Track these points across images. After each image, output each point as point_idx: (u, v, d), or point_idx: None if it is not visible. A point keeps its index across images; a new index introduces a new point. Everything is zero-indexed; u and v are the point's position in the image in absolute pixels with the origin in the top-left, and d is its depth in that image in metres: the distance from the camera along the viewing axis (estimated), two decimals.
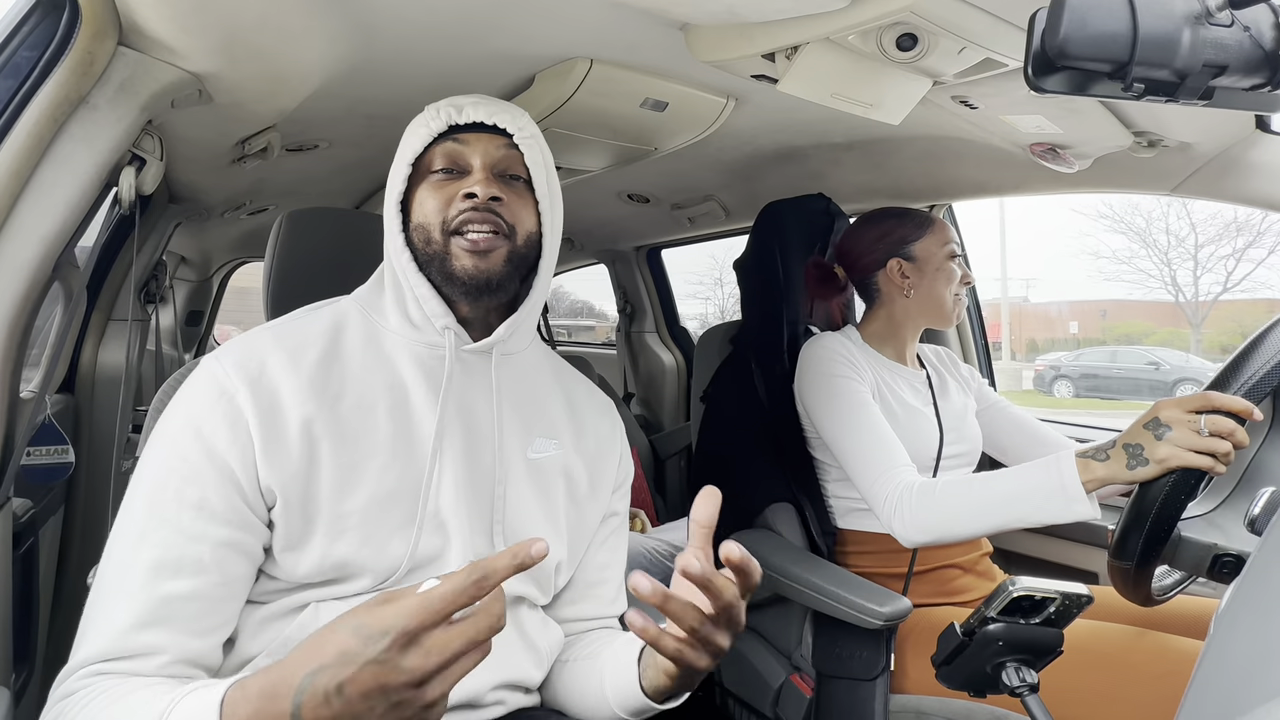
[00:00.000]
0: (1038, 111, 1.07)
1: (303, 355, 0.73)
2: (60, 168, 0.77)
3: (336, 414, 0.71)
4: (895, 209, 1.33)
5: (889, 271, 1.29)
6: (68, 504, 1.48)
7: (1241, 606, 0.49)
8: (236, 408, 0.68)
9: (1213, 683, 0.46)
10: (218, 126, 1.14)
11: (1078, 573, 1.49)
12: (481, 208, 0.75)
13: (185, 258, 2.71)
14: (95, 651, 0.61)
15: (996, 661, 0.73)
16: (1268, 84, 0.58)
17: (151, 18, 0.76)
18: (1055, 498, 0.93)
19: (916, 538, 1.06)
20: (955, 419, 1.29)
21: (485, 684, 0.74)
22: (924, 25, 0.82)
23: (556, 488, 0.82)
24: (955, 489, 1.03)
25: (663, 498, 2.53)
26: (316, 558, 0.68)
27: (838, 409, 1.19)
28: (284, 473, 0.68)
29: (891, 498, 1.08)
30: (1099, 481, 0.91)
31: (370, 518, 0.70)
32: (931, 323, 1.30)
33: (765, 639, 1.30)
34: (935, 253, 1.27)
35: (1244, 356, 0.86)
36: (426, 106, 0.80)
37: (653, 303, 2.80)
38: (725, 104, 1.23)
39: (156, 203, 1.55)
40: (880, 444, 1.14)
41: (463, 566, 0.70)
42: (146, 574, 0.63)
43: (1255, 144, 1.10)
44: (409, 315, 0.78)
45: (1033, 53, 0.56)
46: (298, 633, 0.68)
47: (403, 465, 0.73)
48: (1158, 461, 0.85)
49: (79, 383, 1.56)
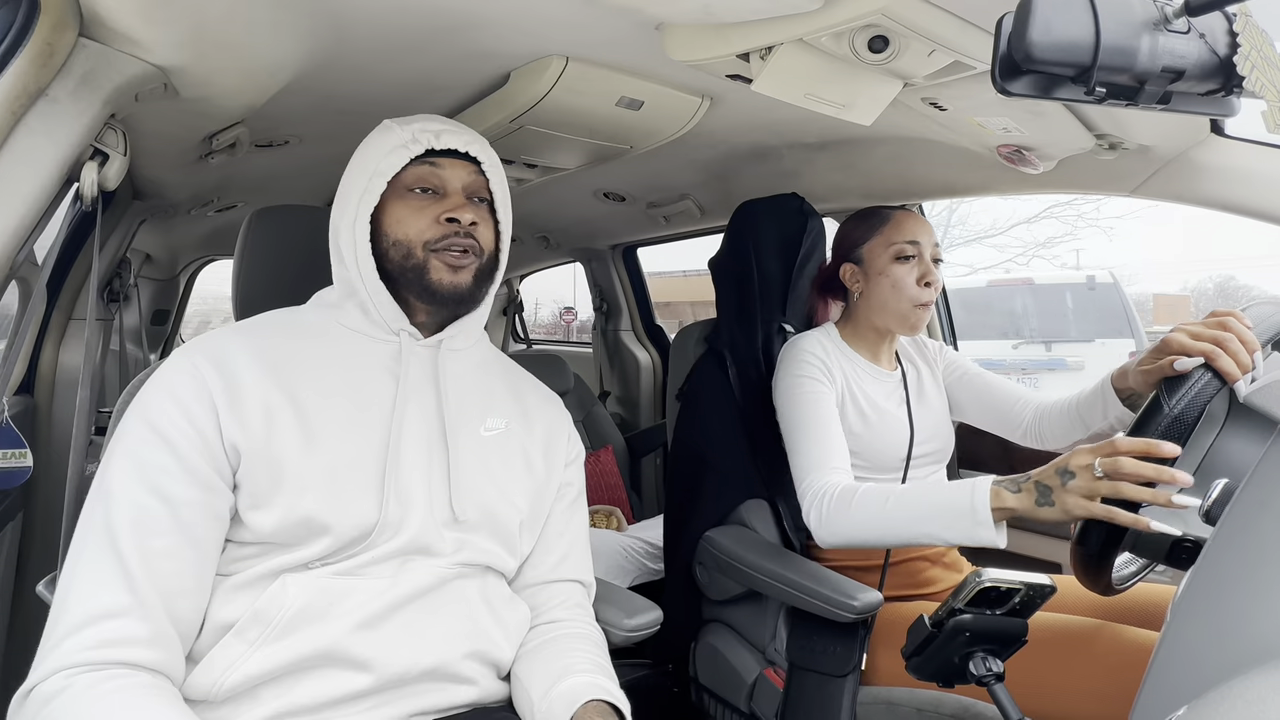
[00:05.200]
0: (1004, 114, 1.10)
1: (265, 346, 0.80)
2: (19, 162, 0.75)
3: (295, 394, 0.78)
4: (867, 210, 1.31)
5: (843, 275, 1.30)
6: (26, 509, 1.43)
7: (1196, 593, 0.51)
8: (201, 379, 0.75)
9: (1170, 667, 0.48)
10: (184, 121, 1.12)
11: (1041, 563, 1.53)
12: (461, 232, 0.84)
13: (150, 255, 2.64)
14: (89, 612, 0.65)
15: (964, 652, 0.74)
16: (1222, 89, 0.60)
17: (114, 8, 0.74)
18: (963, 519, 0.94)
19: (828, 540, 1.08)
20: (928, 419, 1.30)
21: (457, 652, 0.78)
22: (895, 28, 0.84)
23: (513, 458, 0.89)
24: (871, 500, 1.04)
25: (638, 495, 2.54)
26: (281, 512, 0.73)
27: (794, 406, 1.21)
28: (246, 432, 0.74)
29: (813, 497, 1.10)
30: (1008, 512, 0.92)
31: (333, 478, 0.76)
32: (889, 326, 1.26)
33: (740, 634, 1.32)
34: (880, 255, 1.24)
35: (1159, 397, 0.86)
36: (391, 123, 0.87)
37: (628, 301, 2.80)
38: (700, 103, 1.24)
39: (120, 199, 1.51)
40: (819, 444, 1.15)
41: (423, 528, 0.78)
42: (128, 533, 0.67)
43: (1210, 147, 1.13)
44: (368, 315, 0.85)
45: (1000, 56, 0.57)
46: (268, 604, 0.71)
47: (361, 437, 0.79)
48: (1063, 509, 0.86)
49: (38, 384, 1.51)
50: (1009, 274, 9.68)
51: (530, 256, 2.92)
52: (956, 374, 1.39)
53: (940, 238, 1.46)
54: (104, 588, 0.66)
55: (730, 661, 1.29)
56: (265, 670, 0.69)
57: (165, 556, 0.68)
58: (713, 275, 1.54)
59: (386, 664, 0.73)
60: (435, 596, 0.78)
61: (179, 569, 0.69)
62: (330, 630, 0.72)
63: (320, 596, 0.73)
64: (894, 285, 1.22)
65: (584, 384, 2.56)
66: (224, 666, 0.70)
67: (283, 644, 0.70)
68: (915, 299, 1.21)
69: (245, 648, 0.70)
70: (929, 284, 1.21)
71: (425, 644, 0.76)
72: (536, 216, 2.31)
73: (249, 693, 0.70)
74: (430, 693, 0.76)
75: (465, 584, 0.81)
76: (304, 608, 0.72)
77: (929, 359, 1.40)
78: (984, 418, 1.35)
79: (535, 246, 2.68)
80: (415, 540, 0.78)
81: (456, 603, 0.80)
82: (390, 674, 0.73)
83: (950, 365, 1.40)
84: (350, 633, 0.72)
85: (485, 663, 0.81)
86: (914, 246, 1.22)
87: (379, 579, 0.76)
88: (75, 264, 1.52)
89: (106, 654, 0.64)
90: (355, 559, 0.75)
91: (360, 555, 0.76)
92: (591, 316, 2.97)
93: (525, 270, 3.21)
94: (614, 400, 2.87)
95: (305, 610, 0.72)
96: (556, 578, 0.92)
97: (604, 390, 2.91)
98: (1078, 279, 6.74)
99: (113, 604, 0.65)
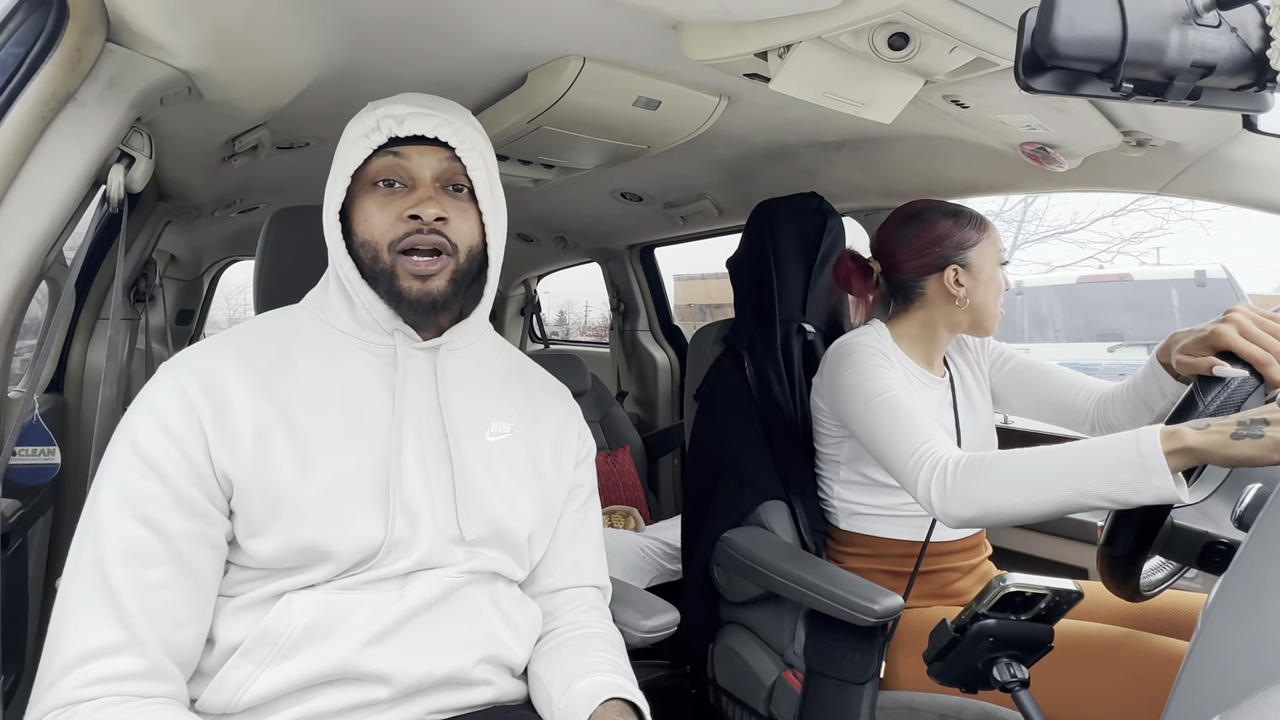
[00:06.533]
0: (1028, 111, 1.08)
1: (254, 358, 0.75)
2: (48, 166, 0.76)
3: (287, 411, 0.73)
4: (945, 206, 1.24)
5: (944, 278, 1.21)
6: (56, 504, 1.46)
7: (1229, 600, 0.50)
8: (189, 402, 0.70)
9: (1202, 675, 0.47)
10: (207, 124, 1.13)
11: (1067, 568, 1.51)
12: (426, 229, 0.76)
13: (175, 256, 2.69)
14: (82, 650, 0.62)
15: (988, 657, 0.73)
16: (1254, 84, 0.58)
17: (140, 14, 0.76)
18: (1129, 468, 0.80)
19: (956, 513, 0.95)
20: (974, 428, 1.27)
21: (470, 659, 0.76)
22: (915, 25, 0.83)
23: (520, 465, 0.84)
24: (1008, 462, 0.93)
25: (656, 496, 2.54)
26: (281, 541, 0.70)
27: (869, 395, 1.12)
28: (238, 459, 0.70)
29: (930, 468, 0.99)
30: (1188, 453, 0.78)
31: (331, 501, 0.72)
32: (973, 331, 1.25)
33: (759, 636, 1.31)
34: (991, 260, 1.21)
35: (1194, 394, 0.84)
36: (370, 106, 0.80)
37: (646, 301, 2.80)
38: (718, 103, 1.24)
39: (146, 201, 1.53)
40: (914, 421, 1.07)
41: (431, 547, 0.74)
42: (120, 566, 0.64)
43: (1242, 143, 1.11)
44: (357, 317, 0.80)
45: (1023, 53, 0.56)
46: (274, 623, 0.69)
47: (359, 453, 0.74)
48: (1274, 443, 0.74)
49: (68, 382, 1.55)
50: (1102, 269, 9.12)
51: (547, 257, 2.93)
52: (1006, 368, 1.32)
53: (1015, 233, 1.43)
54: (97, 625, 0.63)
55: (749, 664, 1.28)
56: (277, 689, 0.68)
57: (160, 588, 0.65)
58: (731, 275, 1.54)
59: (401, 676, 0.72)
60: (444, 607, 0.76)
61: (175, 599, 0.66)
62: (340, 647, 0.70)
63: (327, 613, 0.71)
64: (999, 292, 1.23)
65: (601, 384, 2.56)
66: (235, 687, 0.68)
67: (292, 662, 0.69)
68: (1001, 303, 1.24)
69: (254, 667, 0.69)
70: (1008, 288, 1.25)
71: (438, 655, 0.74)
72: (554, 216, 2.31)
73: (267, 704, 0.69)
74: (447, 696, 0.76)
75: (474, 590, 0.79)
76: (310, 625, 0.70)
77: (970, 361, 1.35)
78: (1042, 410, 1.28)
79: (552, 247, 2.69)
80: (425, 560, 0.75)
81: (466, 611, 0.77)
82: (406, 684, 0.72)
83: (998, 359, 1.34)
84: (361, 649, 0.70)
85: (499, 665, 0.80)
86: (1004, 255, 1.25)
87: (386, 592, 0.73)
88: (102, 265, 1.55)
89: (103, 689, 0.62)
90: (359, 575, 0.73)
91: (367, 573, 0.73)
92: None
93: (543, 270, 3.22)
94: (631, 400, 2.87)
95: (312, 628, 0.70)
96: (570, 584, 0.89)
97: (621, 390, 2.91)
98: (1184, 274, 5.93)
99: (106, 641, 0.63)
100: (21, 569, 1.23)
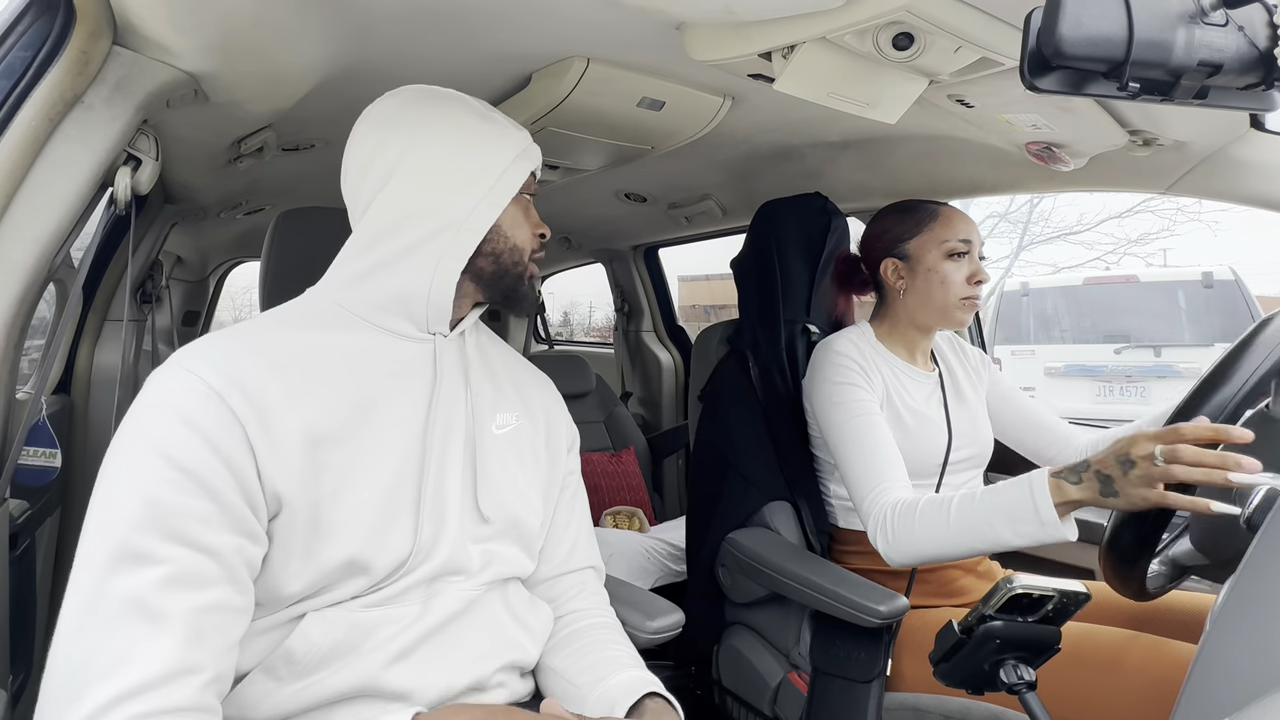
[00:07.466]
0: (1033, 110, 1.08)
1: (280, 360, 0.70)
2: (56, 168, 0.77)
3: (326, 416, 0.70)
4: (906, 204, 1.29)
5: (884, 270, 1.28)
6: (64, 505, 1.47)
7: (1237, 603, 0.50)
8: (230, 411, 0.64)
9: (1210, 678, 0.47)
10: (213, 126, 1.14)
11: (1075, 569, 1.50)
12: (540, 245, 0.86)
13: (181, 258, 2.70)
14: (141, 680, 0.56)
15: (994, 659, 0.73)
16: (1262, 83, 0.58)
17: (146, 17, 0.76)
18: (1028, 521, 0.90)
19: (899, 561, 1.04)
20: (966, 422, 1.27)
21: (490, 668, 0.77)
22: (920, 24, 0.82)
23: (526, 455, 0.86)
24: (932, 513, 1.00)
25: (660, 497, 2.54)
26: (319, 561, 0.67)
27: (840, 417, 1.17)
28: (290, 481, 0.66)
29: (876, 517, 1.06)
30: (1072, 505, 0.89)
31: (372, 515, 0.70)
32: (933, 323, 1.26)
33: (764, 637, 1.31)
34: (930, 251, 1.23)
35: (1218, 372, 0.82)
36: (480, 110, 0.82)
37: (650, 302, 2.80)
38: (722, 103, 1.23)
39: (152, 203, 1.54)
40: (875, 458, 1.11)
41: (456, 550, 0.75)
42: (166, 592, 0.58)
43: (1250, 142, 1.10)
44: (410, 314, 0.78)
45: (1029, 52, 0.56)
46: (297, 642, 0.67)
47: (398, 459, 0.74)
48: (1127, 499, 0.82)
49: (75, 383, 1.55)
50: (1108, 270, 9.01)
51: (552, 257, 2.93)
52: (999, 394, 1.38)
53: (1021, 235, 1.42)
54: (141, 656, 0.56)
55: (754, 665, 1.28)
56: (297, 706, 0.67)
57: (213, 610, 0.60)
58: (735, 276, 1.54)
59: (423, 692, 0.71)
60: (465, 619, 0.76)
61: (226, 621, 0.62)
62: (364, 666, 0.69)
63: (351, 632, 0.69)
64: (943, 282, 1.22)
65: (606, 385, 2.56)
66: (253, 702, 0.67)
67: (314, 679, 0.68)
68: (962, 294, 1.22)
69: (275, 684, 0.67)
70: (980, 281, 1.23)
71: (459, 669, 0.74)
72: (558, 217, 2.32)
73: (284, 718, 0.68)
74: (464, 700, 0.76)
75: (491, 599, 0.79)
76: (335, 645, 0.68)
77: (968, 365, 1.37)
78: (1017, 444, 1.36)
79: (557, 247, 2.69)
80: (447, 563, 0.75)
81: (484, 622, 0.78)
82: (427, 700, 0.72)
83: (993, 384, 1.39)
84: (385, 667, 0.69)
85: (515, 669, 0.81)
86: (966, 244, 1.22)
87: (409, 606, 0.72)
88: (110, 266, 1.56)
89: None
90: (385, 590, 0.71)
91: (393, 586, 0.72)
92: None
93: (547, 271, 3.23)
94: (636, 401, 2.87)
95: (336, 648, 0.68)
96: (569, 568, 0.91)
97: (626, 391, 2.91)
98: (1191, 276, 5.91)
99: (154, 672, 0.56)
100: (30, 570, 1.24)
